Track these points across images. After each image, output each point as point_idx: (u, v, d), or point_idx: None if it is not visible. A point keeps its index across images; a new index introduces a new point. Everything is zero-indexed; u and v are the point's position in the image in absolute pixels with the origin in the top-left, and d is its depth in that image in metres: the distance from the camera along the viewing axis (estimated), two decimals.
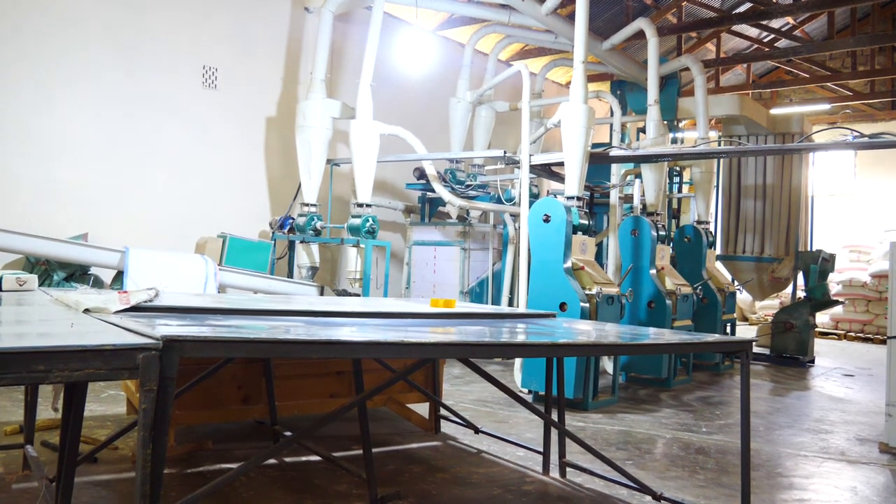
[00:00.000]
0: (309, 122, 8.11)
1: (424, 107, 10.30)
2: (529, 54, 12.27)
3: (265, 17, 8.82)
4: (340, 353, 2.66)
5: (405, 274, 9.31)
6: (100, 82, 7.36)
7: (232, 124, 8.48)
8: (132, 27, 7.58)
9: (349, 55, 9.42)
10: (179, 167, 7.99)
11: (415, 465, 4.11)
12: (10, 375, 1.64)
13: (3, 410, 4.81)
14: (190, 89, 8.10)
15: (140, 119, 7.66)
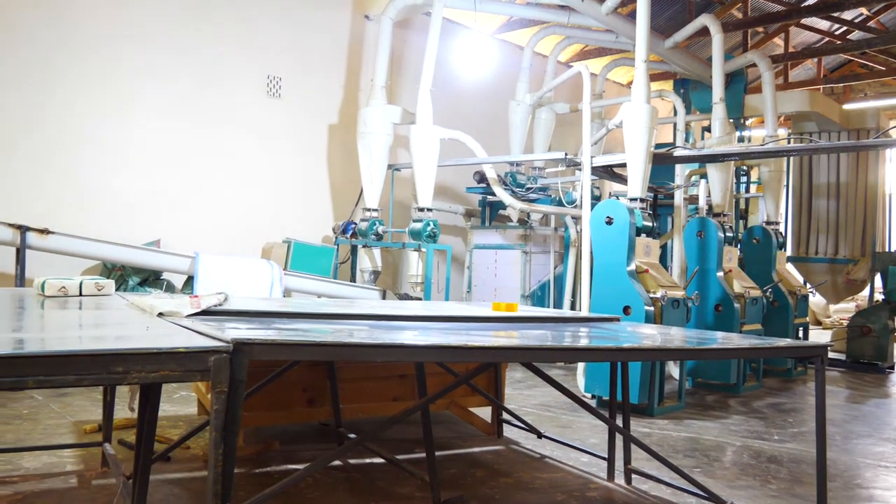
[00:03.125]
0: (370, 129, 8.22)
1: (484, 110, 10.30)
2: (589, 55, 12.14)
3: (326, 26, 8.98)
4: (403, 356, 2.68)
5: (466, 278, 9.32)
6: (170, 95, 7.63)
7: (295, 132, 8.66)
8: (199, 40, 7.84)
9: (409, 61, 9.50)
10: (245, 175, 8.21)
11: (477, 468, 4.10)
12: (90, 376, 1.71)
13: (83, 410, 5.02)
14: (255, 99, 8.31)
15: (208, 129, 7.91)
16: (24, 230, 5.87)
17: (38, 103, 6.86)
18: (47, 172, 6.90)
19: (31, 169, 6.82)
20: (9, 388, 1.66)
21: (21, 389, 1.65)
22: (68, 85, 7.02)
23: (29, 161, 6.81)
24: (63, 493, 3.40)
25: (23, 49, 6.77)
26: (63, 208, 6.84)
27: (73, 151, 7.06)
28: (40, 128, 6.88)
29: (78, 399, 5.31)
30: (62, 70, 6.98)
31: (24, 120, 6.80)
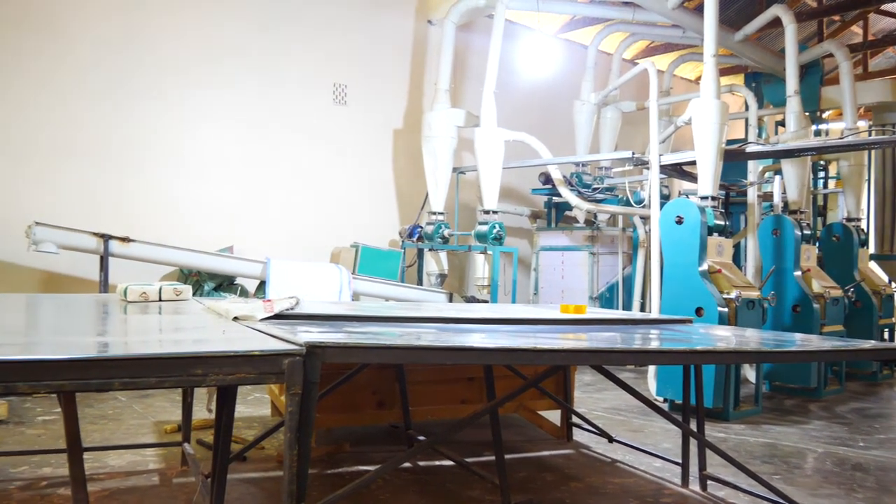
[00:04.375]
0: (434, 133, 8.27)
1: (548, 111, 10.23)
2: (655, 51, 11.90)
3: (390, 32, 9.09)
4: (472, 359, 2.68)
5: (533, 280, 9.26)
6: (241, 106, 7.88)
7: (361, 138, 8.80)
8: (267, 53, 8.06)
9: (472, 64, 9.51)
10: (314, 181, 8.39)
11: (547, 472, 4.06)
12: (171, 378, 1.78)
13: (164, 410, 5.22)
14: (321, 107, 8.49)
15: (277, 137, 8.12)
16: (107, 239, 6.13)
17: (119, 118, 7.19)
18: (128, 183, 7.21)
19: (113, 180, 7.14)
20: (96, 390, 1.74)
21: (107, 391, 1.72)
22: (146, 100, 7.32)
23: (111, 173, 7.13)
24: (146, 490, 3.53)
25: (107, 66, 7.09)
26: (142, 217, 7.13)
27: (151, 163, 7.36)
28: (120, 141, 7.20)
29: (159, 400, 5.52)
30: (140, 86, 7.29)
31: (106, 134, 7.13)
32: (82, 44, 7.00)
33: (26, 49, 6.73)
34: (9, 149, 6.66)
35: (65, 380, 1.66)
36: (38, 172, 6.79)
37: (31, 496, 3.39)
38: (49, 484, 3.56)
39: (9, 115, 6.67)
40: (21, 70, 6.71)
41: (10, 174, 6.66)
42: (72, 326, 2.69)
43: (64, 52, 6.91)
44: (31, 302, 3.84)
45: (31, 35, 6.75)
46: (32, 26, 6.76)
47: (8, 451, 4.12)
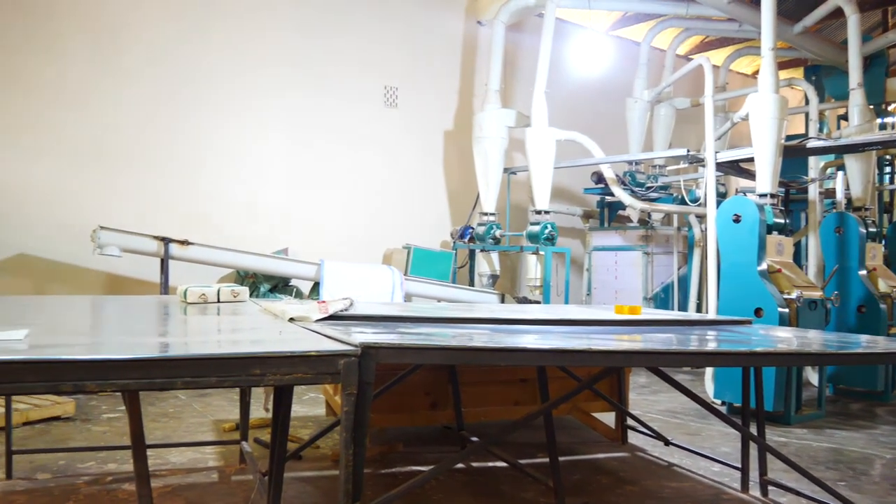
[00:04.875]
0: (485, 133, 8.26)
1: (600, 109, 10.11)
2: (710, 46, 11.65)
3: (440, 34, 9.12)
4: (526, 360, 2.66)
5: (585, 280, 9.17)
6: (293, 110, 8.01)
7: (412, 140, 8.85)
8: (319, 58, 8.19)
9: (522, 64, 9.47)
10: (365, 183, 8.47)
11: (602, 475, 4.01)
12: (231, 378, 1.82)
13: (222, 409, 5.33)
14: (373, 110, 8.57)
15: (329, 140, 8.24)
16: (167, 242, 6.31)
17: (177, 125, 7.39)
18: (187, 188, 7.41)
19: (173, 185, 7.34)
20: (159, 389, 1.79)
21: (170, 390, 1.77)
22: (203, 107, 7.52)
23: (170, 178, 7.34)
24: (205, 487, 3.62)
25: (164, 74, 7.31)
26: (200, 221, 7.31)
27: (209, 167, 7.55)
28: (179, 147, 7.40)
29: (217, 399, 5.65)
30: (198, 93, 7.49)
31: (166, 141, 7.34)
32: (140, 53, 7.22)
33: (88, 60, 6.98)
34: (75, 157, 6.92)
35: (130, 379, 1.71)
36: (101, 178, 7.03)
37: (97, 491, 3.50)
38: (114, 479, 3.67)
39: (75, 125, 6.93)
40: (83, 80, 6.96)
41: (76, 181, 6.91)
42: (135, 327, 2.78)
43: (124, 62, 7.14)
44: (95, 303, 3.97)
45: (92, 46, 7.00)
46: (93, 37, 7.01)
47: (76, 447, 4.28)
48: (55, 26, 6.84)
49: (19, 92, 6.71)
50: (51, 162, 6.82)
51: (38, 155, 6.77)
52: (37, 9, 6.77)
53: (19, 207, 6.68)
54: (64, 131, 6.89)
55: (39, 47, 6.78)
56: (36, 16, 6.76)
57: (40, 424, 4.78)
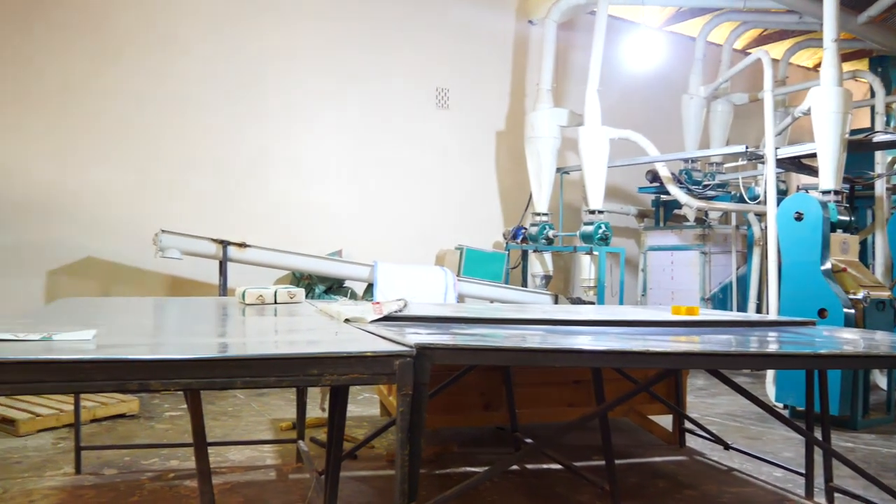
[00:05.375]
0: (537, 133, 8.22)
1: (654, 107, 9.95)
2: (768, 39, 11.33)
3: (490, 34, 9.11)
4: (581, 361, 2.64)
5: (640, 281, 9.03)
6: (346, 113, 8.12)
7: (464, 141, 8.86)
8: (371, 61, 8.27)
9: (574, 62, 9.39)
10: (418, 185, 8.52)
11: (659, 479, 3.94)
12: (289, 378, 1.85)
13: (279, 409, 5.43)
14: (425, 112, 8.62)
15: (382, 143, 8.31)
16: (226, 245, 6.45)
17: (235, 130, 7.56)
18: (243, 191, 7.58)
19: (230, 189, 7.52)
20: (220, 388, 1.83)
21: (230, 389, 1.81)
22: (260, 112, 7.68)
23: (228, 182, 7.51)
24: (264, 484, 3.69)
25: (223, 81, 7.49)
26: (257, 224, 7.46)
27: (264, 171, 7.70)
28: (237, 152, 7.57)
29: (274, 399, 5.75)
30: (254, 98, 7.65)
31: (224, 146, 7.52)
32: (200, 61, 7.41)
33: (150, 68, 7.20)
34: (139, 163, 7.15)
35: (192, 378, 1.76)
36: (163, 183, 7.24)
37: (160, 487, 3.61)
38: (176, 476, 3.78)
39: (137, 131, 7.16)
40: (145, 89, 7.18)
41: (138, 185, 7.14)
42: (195, 328, 2.85)
43: (184, 70, 7.34)
44: (158, 304, 4.09)
45: (153, 55, 7.22)
46: (154, 46, 7.23)
47: (140, 443, 4.41)
48: (116, 38, 7.08)
49: (86, 101, 6.97)
50: (116, 168, 7.06)
51: (104, 162, 7.02)
52: (97, 22, 7.01)
53: (87, 213, 6.94)
54: (128, 139, 7.12)
55: (103, 58, 7.02)
56: (97, 28, 7.01)
57: (107, 422, 4.95)
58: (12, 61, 6.71)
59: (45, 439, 4.46)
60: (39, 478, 3.72)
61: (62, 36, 6.88)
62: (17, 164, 6.73)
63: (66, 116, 6.91)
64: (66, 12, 6.88)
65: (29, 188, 6.76)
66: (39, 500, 3.38)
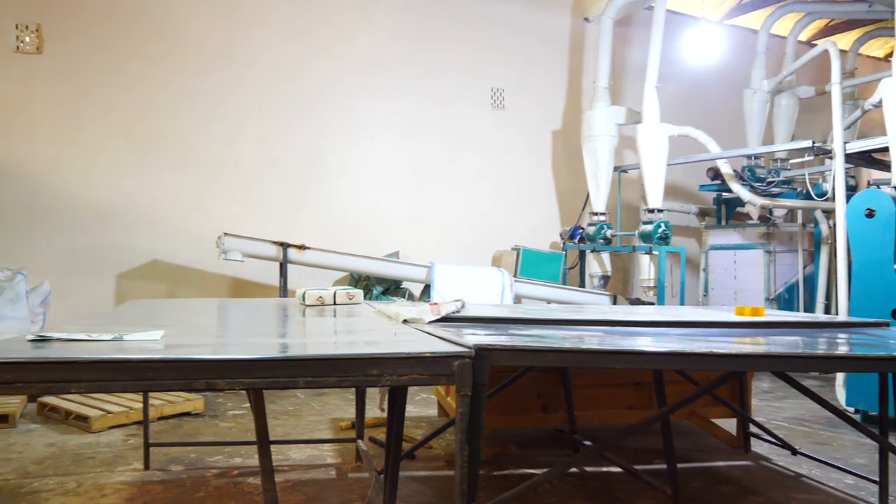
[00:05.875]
0: (594, 132, 8.13)
1: (715, 102, 9.72)
2: (835, 30, 10.94)
3: (546, 33, 9.05)
4: (642, 363, 2.59)
5: (702, 281, 8.83)
6: (402, 115, 8.18)
7: (520, 141, 8.82)
8: (427, 63, 8.31)
9: (631, 59, 9.25)
10: (474, 185, 8.52)
11: (723, 484, 3.85)
12: (350, 378, 1.88)
13: (338, 408, 5.51)
14: (480, 112, 8.61)
15: (438, 144, 8.34)
16: (286, 247, 6.58)
17: (293, 135, 7.71)
18: (301, 194, 7.72)
19: (290, 192, 7.67)
20: (283, 387, 1.87)
21: (293, 388, 1.84)
22: (316, 116, 7.81)
23: (288, 185, 7.66)
24: (324, 483, 3.74)
25: (282, 86, 7.65)
26: (315, 226, 7.59)
27: (324, 174, 7.83)
28: (294, 155, 7.72)
29: (333, 398, 5.84)
30: (312, 102, 7.79)
31: (283, 150, 7.67)
32: (259, 67, 7.59)
33: (210, 78, 7.40)
34: (202, 169, 7.36)
35: (256, 378, 1.80)
36: (225, 187, 7.44)
37: (224, 483, 3.70)
38: (240, 473, 3.87)
39: (199, 137, 7.37)
40: (209, 98, 7.39)
41: (202, 190, 7.35)
42: (258, 328, 2.91)
43: (244, 77, 7.53)
44: (221, 305, 4.19)
45: (214, 65, 7.42)
46: (217, 59, 7.43)
47: (205, 441, 4.53)
48: (183, 53, 7.31)
49: (154, 112, 7.21)
50: (180, 174, 7.28)
51: (169, 168, 7.25)
52: (167, 39, 7.25)
53: (153, 217, 7.18)
54: (191, 145, 7.34)
55: (171, 72, 7.26)
56: (166, 44, 7.25)
57: (173, 419, 5.10)
58: (91, 76, 7.01)
59: (115, 436, 4.63)
60: (111, 472, 3.85)
61: (135, 52, 7.16)
62: (90, 173, 7.02)
63: (135, 126, 7.17)
64: (140, 30, 7.17)
65: (101, 195, 7.04)
66: (111, 495, 3.50)
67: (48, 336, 2.09)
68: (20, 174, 6.85)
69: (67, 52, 6.98)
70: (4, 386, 1.72)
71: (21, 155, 6.86)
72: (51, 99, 6.95)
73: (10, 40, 6.84)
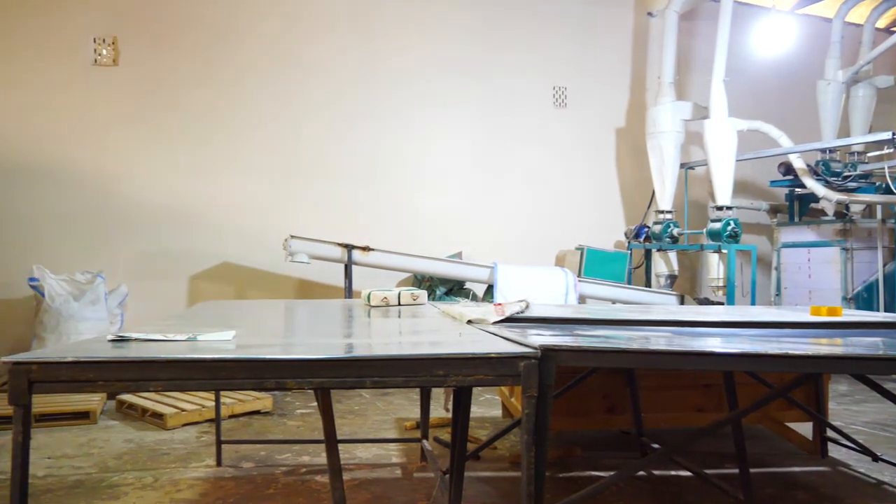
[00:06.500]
0: (659, 128, 7.97)
1: (786, 95, 9.39)
2: None
3: (608, 29, 8.92)
4: (712, 365, 2.52)
5: (774, 280, 8.54)
6: (463, 116, 8.20)
7: (582, 139, 8.72)
8: (487, 62, 8.31)
9: (697, 53, 9.03)
10: (536, 184, 8.47)
11: (798, 491, 3.72)
12: (416, 378, 1.89)
13: (402, 408, 5.55)
14: (542, 111, 8.55)
15: (500, 144, 8.33)
16: (350, 248, 6.68)
17: (355, 138, 7.83)
18: (364, 196, 7.82)
19: (352, 194, 7.78)
20: (350, 387, 1.90)
21: (360, 388, 1.87)
22: (378, 119, 7.91)
23: (351, 187, 7.79)
24: (390, 482, 3.78)
25: (348, 92, 7.80)
26: (378, 227, 7.68)
27: (384, 175, 7.92)
28: (356, 158, 7.84)
29: (398, 398, 5.89)
30: (373, 106, 7.90)
31: (346, 153, 7.80)
32: (323, 72, 7.74)
33: (278, 86, 7.59)
34: (268, 173, 7.56)
35: (325, 378, 1.84)
36: (291, 191, 7.61)
37: (293, 481, 3.77)
38: (308, 471, 3.94)
39: (265, 142, 7.56)
40: (274, 104, 7.58)
41: (269, 194, 7.54)
42: (325, 329, 2.96)
43: (308, 81, 7.70)
44: (289, 307, 4.28)
45: (281, 73, 7.60)
46: (281, 66, 7.61)
47: (274, 439, 4.64)
48: (248, 60, 7.54)
49: (219, 116, 7.45)
50: (247, 178, 7.49)
51: (237, 172, 7.47)
52: (230, 42, 7.47)
53: (222, 221, 7.41)
54: (260, 151, 7.55)
55: (233, 75, 7.48)
56: (231, 52, 7.47)
57: (243, 418, 5.24)
58: (162, 85, 7.30)
59: (189, 433, 4.78)
60: (185, 468, 3.99)
61: (203, 61, 7.42)
62: (162, 178, 7.30)
63: (203, 132, 7.42)
64: (207, 39, 7.45)
65: (172, 200, 7.31)
66: (185, 490, 3.62)
67: (127, 336, 2.18)
68: (98, 181, 7.17)
69: (141, 62, 7.27)
70: (87, 384, 1.79)
71: (98, 163, 7.19)
72: (125, 108, 7.25)
73: (88, 54, 7.16)
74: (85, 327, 6.12)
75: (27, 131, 7.08)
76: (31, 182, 7.05)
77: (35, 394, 1.76)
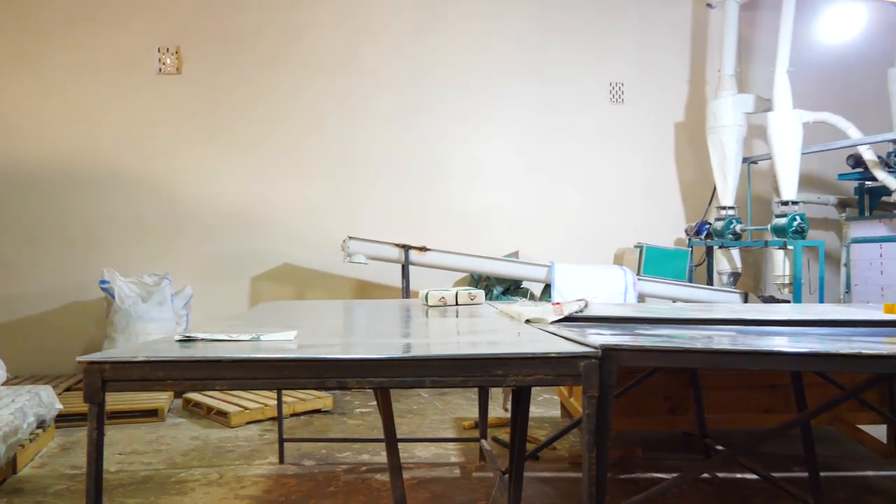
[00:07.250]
0: (720, 122, 7.78)
1: (854, 85, 9.03)
2: None
3: (666, 23, 8.75)
4: (780, 365, 2.45)
5: (843, 276, 8.23)
6: (518, 113, 8.16)
7: (640, 135, 8.57)
8: (543, 60, 8.25)
9: (758, 44, 8.77)
10: (593, 182, 8.37)
11: (872, 496, 3.58)
12: (475, 378, 1.89)
13: (460, 408, 5.56)
14: (598, 108, 8.44)
15: (556, 142, 8.26)
16: (407, 249, 6.72)
17: (411, 138, 7.88)
18: (420, 196, 7.87)
19: (408, 194, 7.84)
20: (410, 386, 1.91)
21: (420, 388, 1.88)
22: (434, 119, 7.95)
23: (408, 188, 7.84)
24: (449, 481, 3.79)
25: (405, 94, 7.87)
26: (433, 227, 7.71)
27: (440, 175, 7.94)
28: (412, 158, 7.89)
29: (456, 398, 5.90)
30: (429, 106, 7.93)
31: (403, 154, 7.87)
32: (380, 74, 7.82)
33: (336, 89, 7.71)
34: (327, 174, 7.68)
35: (385, 377, 1.85)
36: (348, 192, 7.72)
37: (353, 479, 3.82)
38: (368, 469, 3.99)
39: (323, 144, 7.69)
40: (331, 106, 7.70)
41: (327, 196, 7.66)
42: (384, 329, 2.98)
43: (365, 83, 7.79)
44: (347, 307, 4.33)
45: (336, 71, 7.72)
46: (341, 68, 7.72)
47: (334, 437, 4.71)
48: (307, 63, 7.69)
49: (278, 119, 7.61)
50: (305, 180, 7.64)
51: (296, 175, 7.62)
52: (289, 45, 7.63)
53: (282, 222, 7.56)
54: (318, 153, 7.69)
55: (292, 78, 7.63)
56: (292, 56, 7.62)
57: (304, 416, 5.33)
58: (224, 91, 7.51)
59: (252, 431, 4.90)
60: (249, 465, 4.08)
61: (263, 65, 7.61)
62: (224, 182, 7.50)
63: (263, 136, 7.59)
64: (267, 44, 7.63)
65: (234, 202, 7.50)
66: (249, 486, 3.71)
67: (193, 336, 2.24)
68: (163, 186, 7.41)
69: (203, 70, 7.48)
70: (156, 382, 1.85)
71: (164, 168, 7.43)
72: (188, 115, 7.47)
73: (153, 63, 7.41)
74: (152, 328, 6.33)
75: (96, 141, 7.37)
76: (101, 189, 7.33)
77: (108, 392, 1.83)
